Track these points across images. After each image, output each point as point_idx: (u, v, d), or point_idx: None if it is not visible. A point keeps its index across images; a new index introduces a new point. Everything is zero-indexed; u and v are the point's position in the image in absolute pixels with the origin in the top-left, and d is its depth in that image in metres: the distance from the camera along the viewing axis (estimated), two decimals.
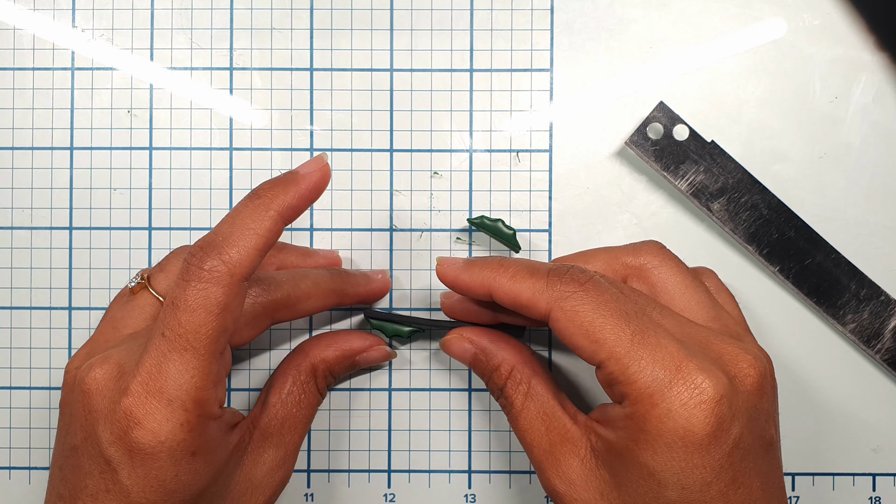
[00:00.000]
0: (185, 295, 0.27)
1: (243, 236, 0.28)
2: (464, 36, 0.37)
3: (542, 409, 0.31)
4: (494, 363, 0.33)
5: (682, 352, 0.27)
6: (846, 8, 0.36)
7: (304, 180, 0.29)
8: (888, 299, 0.36)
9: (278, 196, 0.29)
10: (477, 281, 0.31)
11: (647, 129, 0.35)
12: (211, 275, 0.27)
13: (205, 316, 0.27)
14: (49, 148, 0.37)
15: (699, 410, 0.26)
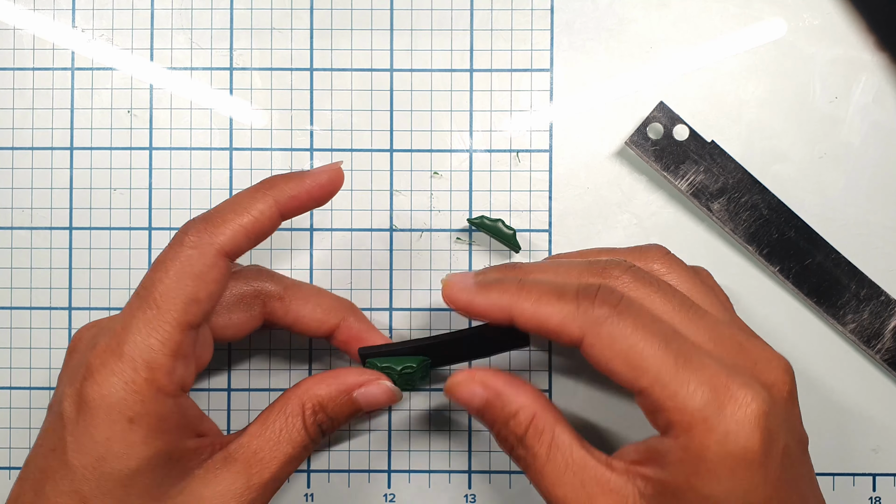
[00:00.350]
0: (164, 257, 0.28)
1: (234, 213, 0.28)
2: (464, 36, 0.37)
3: (572, 460, 0.28)
4: (511, 409, 0.29)
5: (723, 370, 0.26)
6: (846, 8, 0.36)
7: (309, 177, 0.29)
8: (888, 299, 0.36)
9: (279, 185, 0.29)
10: (495, 306, 0.28)
11: (647, 129, 0.35)
12: (191, 240, 0.28)
13: (176, 279, 0.27)
14: (49, 148, 0.37)
15: (753, 427, 0.25)
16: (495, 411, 0.29)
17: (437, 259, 0.37)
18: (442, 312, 0.37)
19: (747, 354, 0.27)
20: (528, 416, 0.28)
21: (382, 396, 0.32)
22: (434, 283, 0.37)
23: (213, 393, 0.37)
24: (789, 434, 0.27)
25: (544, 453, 0.28)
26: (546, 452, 0.28)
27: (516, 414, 0.29)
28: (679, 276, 0.30)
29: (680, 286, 0.30)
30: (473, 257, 0.37)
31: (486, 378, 0.29)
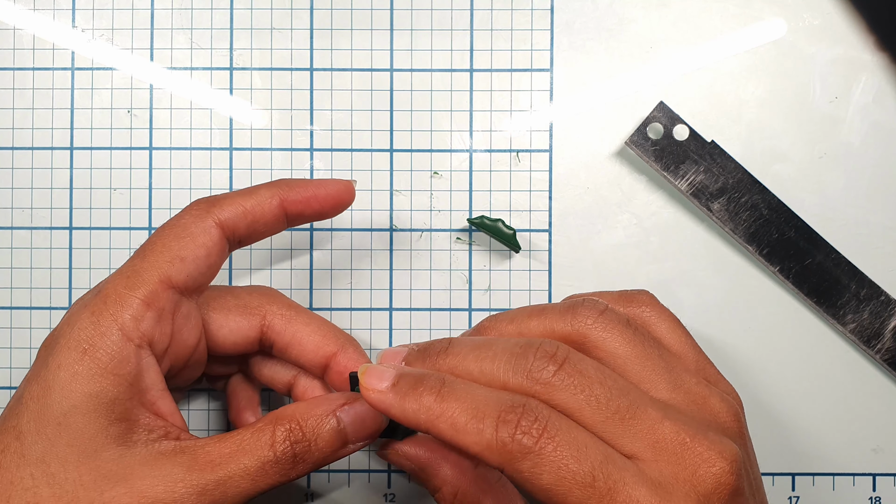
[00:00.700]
0: (167, 221, 0.29)
1: (238, 194, 0.30)
2: (464, 36, 0.37)
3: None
4: (434, 484, 0.29)
5: (655, 498, 0.25)
6: (846, 8, 0.36)
7: (321, 185, 0.31)
8: (888, 299, 0.36)
9: (286, 184, 0.30)
10: (412, 421, 0.26)
11: (647, 129, 0.35)
12: (191, 210, 0.29)
13: (167, 237, 0.29)
14: (49, 148, 0.37)
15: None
16: (422, 482, 0.30)
17: (437, 259, 0.37)
18: (442, 312, 0.37)
19: (686, 460, 0.26)
20: (451, 493, 0.29)
21: (371, 417, 0.29)
22: (434, 284, 0.37)
23: (213, 392, 0.37)
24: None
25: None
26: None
27: (439, 488, 0.29)
28: (615, 339, 0.28)
29: (619, 349, 0.28)
30: (473, 257, 0.37)
31: (408, 450, 0.30)
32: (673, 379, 0.28)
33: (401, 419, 0.26)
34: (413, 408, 0.25)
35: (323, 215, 0.31)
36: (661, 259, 0.36)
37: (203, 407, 0.37)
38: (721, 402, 0.28)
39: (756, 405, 0.36)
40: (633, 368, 0.28)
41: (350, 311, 0.37)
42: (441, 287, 0.37)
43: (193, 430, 0.37)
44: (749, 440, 0.29)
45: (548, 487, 0.24)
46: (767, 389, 0.36)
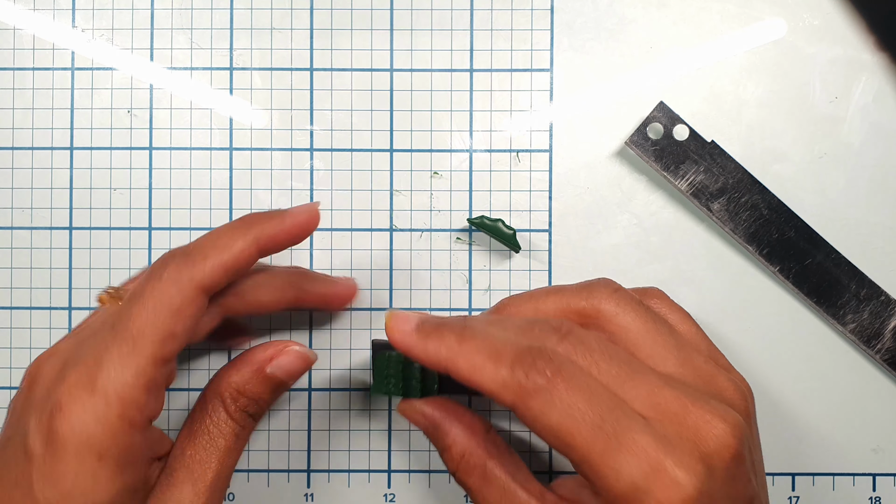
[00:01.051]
0: (142, 291, 0.27)
1: (213, 251, 0.28)
2: (464, 36, 0.37)
3: (503, 496, 0.29)
4: (444, 443, 0.30)
5: (658, 447, 0.25)
6: (846, 8, 0.36)
7: (290, 216, 0.30)
8: (888, 299, 0.36)
9: (260, 223, 0.29)
10: (432, 359, 0.28)
11: (647, 129, 0.35)
12: (171, 276, 0.27)
13: (154, 314, 0.27)
14: (49, 148, 0.37)
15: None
16: (433, 441, 0.31)
17: (437, 259, 0.37)
18: (442, 312, 0.37)
19: (689, 421, 0.26)
20: (458, 453, 0.30)
21: (297, 363, 0.32)
22: (434, 284, 0.37)
23: None
24: (728, 501, 0.26)
25: (477, 488, 0.29)
26: (479, 487, 0.29)
27: (448, 448, 0.30)
28: (628, 316, 0.29)
29: (631, 327, 0.29)
30: (473, 257, 0.37)
31: (425, 408, 0.31)
32: (682, 356, 0.29)
33: (423, 358, 0.28)
34: (435, 347, 0.27)
35: (295, 243, 0.31)
36: (661, 259, 0.36)
37: None
38: (728, 382, 0.29)
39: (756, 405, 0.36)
40: (644, 343, 0.29)
41: (350, 310, 0.37)
42: (441, 287, 0.37)
43: None
44: (755, 425, 0.29)
45: (556, 426, 0.26)
46: (767, 389, 0.36)
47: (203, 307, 0.28)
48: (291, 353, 0.32)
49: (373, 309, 0.37)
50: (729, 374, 0.29)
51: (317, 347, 0.37)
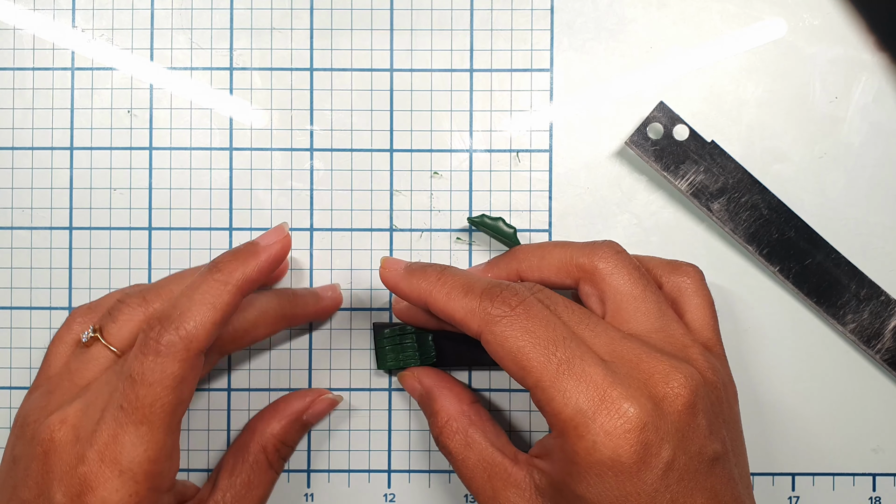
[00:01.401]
0: (142, 369, 0.28)
1: (201, 310, 0.29)
2: (464, 36, 0.37)
3: (481, 458, 0.31)
4: (432, 409, 0.33)
5: (607, 379, 0.27)
6: (846, 8, 0.36)
7: (264, 252, 0.30)
8: (888, 299, 0.36)
9: (237, 269, 0.30)
10: (414, 292, 0.31)
11: (647, 129, 0.35)
12: (168, 349, 0.28)
13: (161, 390, 0.28)
14: (49, 148, 0.37)
15: (624, 439, 0.26)
16: (423, 407, 0.34)
17: (437, 259, 0.37)
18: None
19: (643, 367, 0.28)
20: (443, 419, 0.32)
21: (329, 409, 0.36)
22: None
23: (212, 393, 0.37)
24: (680, 448, 0.27)
25: (458, 452, 0.31)
26: (460, 451, 0.31)
27: (436, 414, 0.33)
28: (622, 277, 0.31)
29: (621, 287, 0.31)
30: (473, 257, 0.37)
31: (422, 376, 0.34)
32: (660, 324, 0.30)
33: (407, 292, 0.31)
34: (417, 282, 0.30)
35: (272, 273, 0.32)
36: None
37: (203, 406, 0.37)
38: (700, 355, 0.30)
39: (756, 405, 0.36)
40: (628, 305, 0.30)
41: (350, 311, 0.37)
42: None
43: (193, 429, 0.37)
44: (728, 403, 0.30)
45: (514, 349, 0.28)
46: (767, 389, 0.36)
47: (201, 366, 0.29)
48: (326, 402, 0.35)
49: (373, 309, 0.37)
50: (707, 353, 0.30)
51: (316, 347, 0.37)
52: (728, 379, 0.31)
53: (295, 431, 0.35)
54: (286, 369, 0.37)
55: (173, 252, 0.37)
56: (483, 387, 0.37)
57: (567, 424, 0.27)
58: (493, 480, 0.30)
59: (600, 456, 0.26)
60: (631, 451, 0.26)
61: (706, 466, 0.27)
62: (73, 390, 0.31)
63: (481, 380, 0.36)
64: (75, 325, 0.34)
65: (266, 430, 0.34)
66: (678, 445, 0.27)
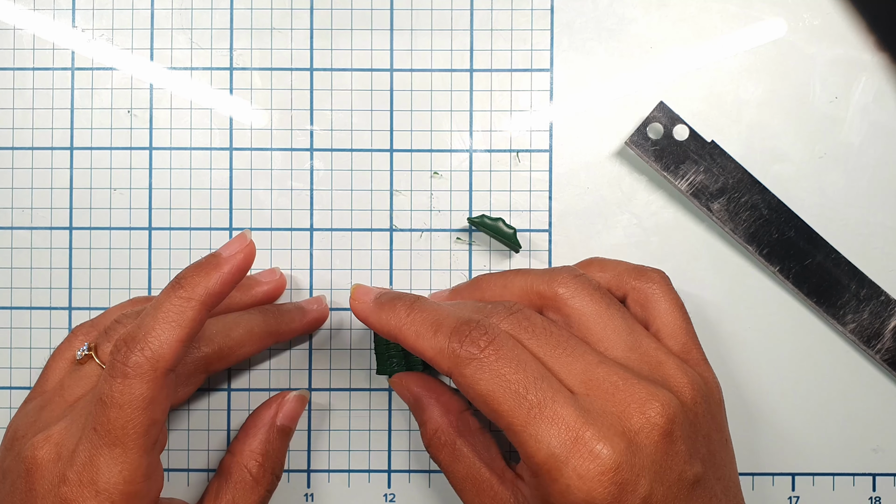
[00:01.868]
0: (111, 391, 0.27)
1: (166, 329, 0.28)
2: (464, 36, 0.37)
3: (469, 472, 0.31)
4: (421, 419, 0.33)
5: (580, 419, 0.27)
6: (846, 8, 0.36)
7: (227, 264, 0.29)
8: (888, 299, 0.36)
9: (200, 284, 0.29)
10: (384, 327, 0.30)
11: (647, 129, 0.35)
12: (135, 371, 0.27)
13: (131, 412, 0.27)
14: (49, 148, 0.37)
15: (598, 482, 0.26)
16: (414, 415, 0.34)
17: (437, 259, 0.37)
18: None
19: (618, 398, 0.28)
20: (432, 429, 0.32)
21: (298, 406, 0.35)
22: (434, 284, 0.37)
23: (213, 393, 0.37)
24: (658, 479, 0.27)
25: (446, 463, 0.32)
26: (447, 463, 0.32)
27: (424, 424, 0.33)
28: (583, 300, 0.31)
29: (584, 310, 0.30)
30: (473, 257, 0.37)
31: (410, 383, 0.34)
32: (632, 340, 0.30)
33: (376, 326, 0.30)
34: (387, 317, 0.30)
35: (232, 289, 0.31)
36: (661, 259, 0.36)
37: (203, 407, 0.37)
38: (677, 370, 0.29)
39: (756, 405, 0.36)
40: (595, 326, 0.30)
41: (350, 311, 0.37)
42: (441, 287, 0.37)
43: (193, 429, 0.37)
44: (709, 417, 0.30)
45: (485, 393, 0.27)
46: (767, 389, 0.36)
47: (173, 384, 0.29)
48: (292, 401, 0.35)
49: None
50: (684, 365, 0.30)
51: (316, 348, 0.37)
52: (709, 386, 0.31)
53: (274, 440, 0.34)
54: (286, 369, 0.37)
55: (173, 252, 0.37)
56: None
57: (541, 468, 0.27)
58: (480, 496, 0.30)
59: (574, 499, 0.26)
60: (605, 492, 0.26)
61: (686, 492, 0.27)
62: (63, 407, 0.31)
63: None
64: (76, 341, 0.34)
65: (245, 449, 0.33)
66: (655, 478, 0.27)
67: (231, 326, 0.33)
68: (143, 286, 0.37)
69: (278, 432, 0.34)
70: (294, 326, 0.35)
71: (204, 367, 0.33)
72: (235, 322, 0.34)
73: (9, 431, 0.31)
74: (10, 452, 0.30)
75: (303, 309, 0.36)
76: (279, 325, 0.35)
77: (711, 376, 0.31)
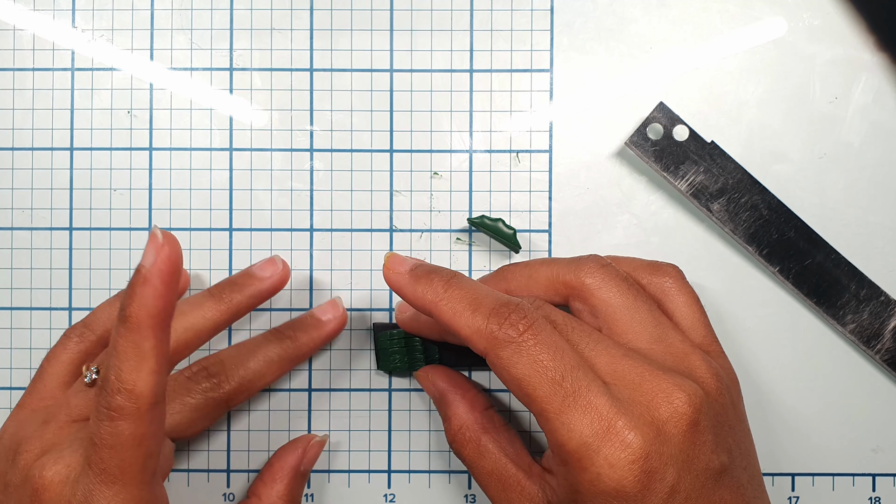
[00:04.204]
0: (100, 434, 0.27)
1: (133, 366, 0.26)
2: (464, 36, 0.37)
3: (494, 468, 0.31)
4: (446, 414, 0.33)
5: (612, 409, 0.27)
6: (846, 8, 0.36)
7: (154, 277, 0.26)
8: (888, 299, 0.36)
9: (141, 309, 0.26)
10: (419, 301, 0.29)
11: (647, 129, 0.35)
12: (119, 413, 0.26)
13: (124, 451, 0.27)
14: (49, 148, 0.37)
15: (628, 470, 0.26)
16: (439, 410, 0.34)
17: (437, 259, 0.37)
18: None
19: (645, 388, 0.28)
20: (457, 425, 0.32)
21: (320, 451, 0.35)
22: None
23: None
24: (685, 468, 0.27)
25: (471, 460, 0.31)
26: (473, 459, 0.31)
27: (449, 419, 0.32)
28: (610, 290, 0.31)
29: (612, 301, 0.30)
30: (473, 257, 0.37)
31: (437, 378, 0.34)
32: (658, 333, 0.30)
33: (411, 299, 0.30)
34: (423, 290, 0.29)
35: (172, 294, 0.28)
36: (661, 259, 0.36)
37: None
38: (702, 362, 0.30)
39: (756, 405, 0.36)
40: (622, 317, 0.30)
41: (350, 311, 0.37)
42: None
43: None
44: (733, 408, 0.30)
45: (520, 377, 0.27)
46: (767, 389, 0.36)
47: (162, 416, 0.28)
48: (317, 446, 0.35)
49: (373, 309, 0.37)
50: (707, 356, 0.30)
51: None
52: (731, 377, 0.31)
53: (298, 485, 0.35)
54: None
55: None
56: (483, 388, 0.37)
57: (571, 456, 0.27)
58: (507, 491, 0.30)
59: (604, 487, 0.26)
60: (635, 480, 0.26)
61: (713, 481, 0.27)
62: (71, 427, 0.31)
63: (481, 380, 0.36)
64: (70, 343, 0.33)
65: (272, 494, 0.34)
66: (683, 467, 0.27)
67: (246, 356, 0.34)
68: None
69: (302, 477, 0.35)
70: (313, 344, 0.35)
71: (225, 404, 0.33)
72: (251, 353, 0.34)
73: (9, 439, 0.31)
74: (15, 466, 0.30)
75: (319, 320, 0.35)
76: (297, 350, 0.35)
77: (731, 369, 0.31)
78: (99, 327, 0.34)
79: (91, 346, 0.34)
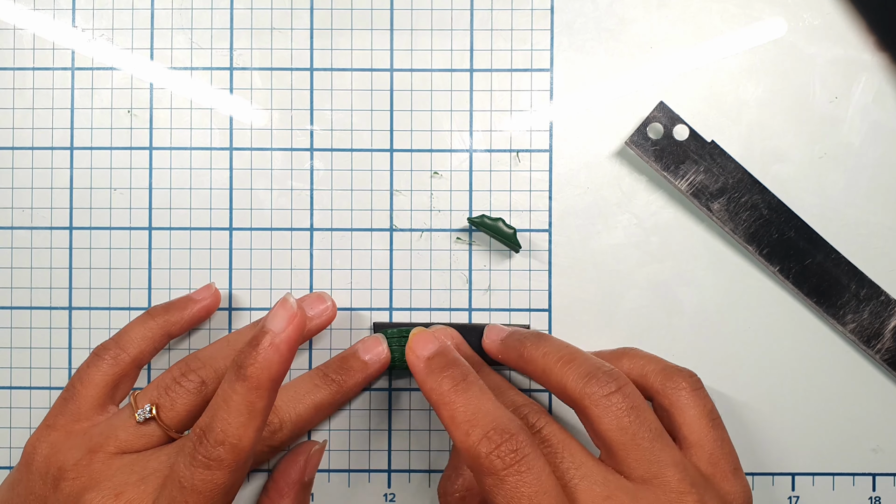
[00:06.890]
0: (192, 479, 0.28)
1: (242, 422, 0.28)
2: (464, 36, 0.37)
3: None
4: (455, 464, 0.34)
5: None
6: (846, 8, 0.36)
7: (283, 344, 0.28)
8: (888, 299, 0.36)
9: (264, 372, 0.28)
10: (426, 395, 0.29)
11: (647, 129, 0.35)
12: (217, 464, 0.28)
13: (210, 497, 0.28)
14: (49, 148, 0.37)
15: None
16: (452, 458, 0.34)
17: (437, 259, 0.37)
18: (442, 312, 0.37)
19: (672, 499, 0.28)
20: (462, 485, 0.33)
21: (320, 458, 0.36)
22: (434, 284, 0.37)
23: None
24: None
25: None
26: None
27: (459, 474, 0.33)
28: (694, 411, 0.31)
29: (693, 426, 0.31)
30: (473, 257, 0.37)
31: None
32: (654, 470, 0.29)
33: (422, 390, 0.30)
34: (431, 386, 0.29)
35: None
36: (661, 259, 0.36)
37: None
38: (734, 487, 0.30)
39: (756, 405, 0.36)
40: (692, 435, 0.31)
41: (350, 311, 0.37)
42: (441, 287, 0.37)
43: None
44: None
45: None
46: (767, 389, 0.36)
47: (249, 466, 0.30)
48: (317, 455, 0.35)
49: (373, 309, 0.37)
50: (724, 485, 0.30)
51: (317, 347, 0.37)
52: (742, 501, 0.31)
53: (303, 497, 0.35)
54: None
55: (173, 252, 0.37)
56: None
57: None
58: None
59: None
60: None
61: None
62: (120, 460, 0.31)
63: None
64: (104, 365, 0.33)
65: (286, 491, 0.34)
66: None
67: (297, 401, 0.34)
68: (144, 286, 0.37)
69: (306, 487, 0.35)
70: (357, 391, 0.36)
71: (276, 451, 0.34)
72: (300, 399, 0.34)
73: (39, 458, 0.31)
74: (58, 492, 0.30)
75: (364, 362, 0.35)
76: (346, 396, 0.35)
77: (738, 490, 0.31)
78: (132, 348, 0.33)
79: (125, 368, 0.33)
